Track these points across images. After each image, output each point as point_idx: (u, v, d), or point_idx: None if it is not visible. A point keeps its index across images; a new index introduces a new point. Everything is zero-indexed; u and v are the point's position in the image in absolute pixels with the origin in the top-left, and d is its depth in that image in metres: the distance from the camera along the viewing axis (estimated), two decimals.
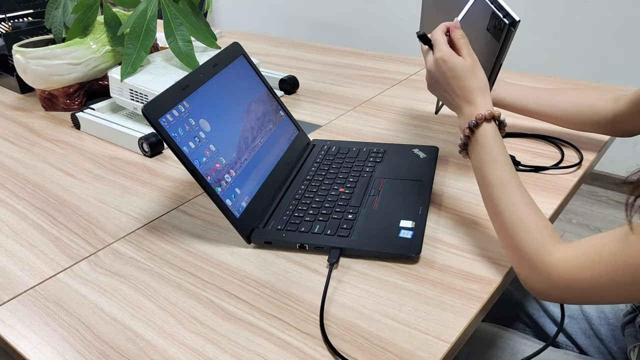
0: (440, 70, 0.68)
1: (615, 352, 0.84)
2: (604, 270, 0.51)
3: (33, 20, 1.43)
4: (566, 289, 0.55)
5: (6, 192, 0.86)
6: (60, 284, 0.65)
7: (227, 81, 0.78)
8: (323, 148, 0.90)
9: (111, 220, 0.77)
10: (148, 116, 0.64)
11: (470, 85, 0.67)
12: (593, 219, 2.06)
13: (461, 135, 0.67)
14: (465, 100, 0.67)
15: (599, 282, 0.52)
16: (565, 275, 0.54)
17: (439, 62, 0.68)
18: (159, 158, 0.95)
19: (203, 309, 0.60)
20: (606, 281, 0.52)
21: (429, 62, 0.70)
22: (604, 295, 0.53)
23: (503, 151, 0.64)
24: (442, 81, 0.69)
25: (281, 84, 1.22)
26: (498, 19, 0.69)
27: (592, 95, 0.85)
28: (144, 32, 1.03)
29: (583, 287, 0.54)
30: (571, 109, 0.86)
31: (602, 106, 0.83)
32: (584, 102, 0.85)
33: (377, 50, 1.52)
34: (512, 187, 0.62)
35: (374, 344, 0.54)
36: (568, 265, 0.54)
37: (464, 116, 0.67)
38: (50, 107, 1.17)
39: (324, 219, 0.71)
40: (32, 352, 0.56)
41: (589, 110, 0.84)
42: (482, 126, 0.65)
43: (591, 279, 0.53)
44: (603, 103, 0.83)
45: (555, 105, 0.87)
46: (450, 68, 0.67)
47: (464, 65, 0.67)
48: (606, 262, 0.51)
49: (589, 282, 0.53)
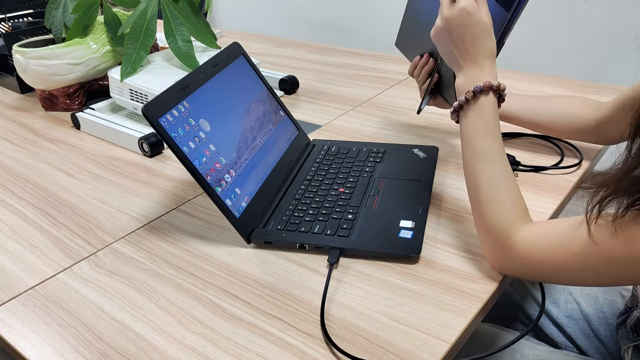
0: (461, 22, 0.64)
1: (615, 352, 0.84)
2: (559, 254, 0.55)
3: (33, 20, 1.43)
4: (524, 267, 0.59)
5: (6, 192, 0.86)
6: (60, 284, 0.65)
7: (227, 81, 0.78)
8: (323, 148, 0.90)
9: (111, 220, 0.78)
10: (148, 116, 0.64)
11: (484, 46, 0.64)
12: None
13: (461, 97, 0.64)
14: (474, 61, 0.65)
15: (555, 265, 0.55)
16: (524, 255, 0.58)
17: (463, 12, 0.63)
18: (159, 158, 0.95)
19: (203, 309, 0.60)
20: (561, 264, 0.55)
21: (449, 10, 0.65)
22: (559, 276, 0.57)
23: (497, 124, 0.64)
24: (457, 34, 0.64)
25: (281, 84, 1.22)
26: None
27: (575, 103, 0.85)
28: (144, 32, 1.03)
29: (539, 267, 0.57)
30: (555, 117, 0.85)
31: (584, 114, 0.82)
32: (568, 111, 0.84)
33: (377, 50, 1.52)
34: (497, 161, 0.62)
35: (374, 344, 0.54)
36: (528, 245, 0.57)
37: (468, 77, 0.65)
38: (50, 107, 1.17)
39: (324, 219, 0.71)
40: (32, 352, 0.56)
41: (572, 118, 0.84)
42: (487, 94, 0.63)
43: (548, 260, 0.56)
44: (585, 110, 0.82)
45: (541, 113, 0.86)
46: (474, 23, 0.63)
47: (486, 23, 0.64)
48: (560, 247, 0.55)
49: (545, 263, 0.56)
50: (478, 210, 0.63)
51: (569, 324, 0.88)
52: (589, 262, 0.52)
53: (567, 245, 0.54)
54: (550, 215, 0.73)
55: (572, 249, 0.53)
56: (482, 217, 0.62)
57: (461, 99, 0.65)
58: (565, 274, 0.56)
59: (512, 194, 0.61)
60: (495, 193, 0.61)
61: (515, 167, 0.84)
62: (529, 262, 0.58)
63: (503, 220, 0.60)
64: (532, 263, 0.57)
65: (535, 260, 0.57)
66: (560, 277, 0.58)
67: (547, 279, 0.60)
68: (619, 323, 0.79)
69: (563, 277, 0.57)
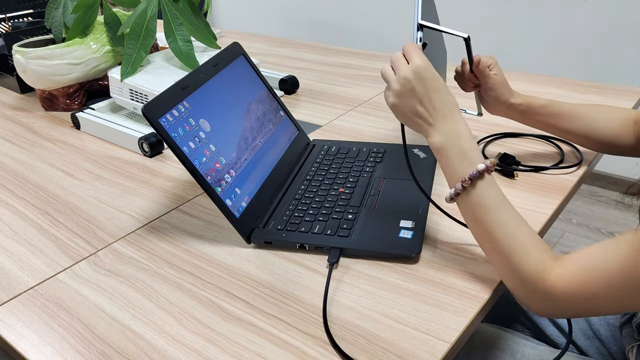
0: (421, 78, 0.62)
1: (615, 352, 0.84)
2: (607, 285, 0.51)
3: (33, 20, 1.43)
4: (567, 306, 0.55)
5: (6, 192, 0.86)
6: (60, 284, 0.65)
7: (227, 81, 0.78)
8: (323, 148, 0.90)
9: (111, 220, 0.77)
10: (148, 116, 0.64)
11: (448, 100, 0.63)
12: (593, 219, 2.06)
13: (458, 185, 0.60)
14: (444, 116, 0.62)
15: (601, 297, 0.52)
16: (565, 295, 0.54)
17: (420, 69, 0.62)
18: (159, 158, 0.95)
19: (203, 309, 0.60)
20: (608, 296, 0.52)
21: (406, 69, 0.62)
22: (603, 308, 0.54)
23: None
24: (420, 90, 0.62)
25: (281, 84, 1.22)
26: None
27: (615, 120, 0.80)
28: (144, 32, 1.03)
29: (583, 303, 0.54)
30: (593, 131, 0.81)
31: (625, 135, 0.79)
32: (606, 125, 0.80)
33: (377, 50, 1.52)
34: (504, 206, 0.59)
35: (374, 344, 0.54)
36: (568, 283, 0.54)
37: (444, 132, 0.62)
38: (50, 107, 1.17)
39: (324, 219, 0.71)
40: (32, 352, 0.56)
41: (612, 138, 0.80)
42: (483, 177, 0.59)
43: (593, 295, 0.53)
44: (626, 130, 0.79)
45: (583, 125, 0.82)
46: (432, 77, 0.62)
47: (441, 78, 0.63)
48: (608, 277, 0.51)
49: (590, 298, 0.53)
50: (502, 262, 0.58)
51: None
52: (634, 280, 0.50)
53: (610, 273, 0.51)
54: (550, 216, 0.73)
55: (616, 276, 0.50)
56: (509, 268, 0.58)
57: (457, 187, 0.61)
58: (613, 303, 0.52)
59: (531, 233, 0.58)
60: (515, 239, 0.57)
61: (515, 167, 0.84)
62: (572, 299, 0.54)
63: (533, 265, 0.56)
64: (576, 300, 0.54)
65: (578, 296, 0.53)
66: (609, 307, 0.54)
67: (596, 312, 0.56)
68: (623, 322, 0.79)
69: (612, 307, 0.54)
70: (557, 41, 2.09)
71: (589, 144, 0.83)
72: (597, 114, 0.82)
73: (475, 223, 0.61)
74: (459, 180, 0.60)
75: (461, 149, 0.61)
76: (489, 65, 0.81)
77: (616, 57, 2.01)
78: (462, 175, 0.60)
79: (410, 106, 0.63)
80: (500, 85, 0.81)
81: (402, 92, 0.63)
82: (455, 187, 0.61)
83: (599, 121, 0.81)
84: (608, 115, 0.81)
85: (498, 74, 0.81)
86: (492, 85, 0.81)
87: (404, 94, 0.63)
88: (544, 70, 2.13)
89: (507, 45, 2.18)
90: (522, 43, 2.16)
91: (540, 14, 2.09)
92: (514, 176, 0.82)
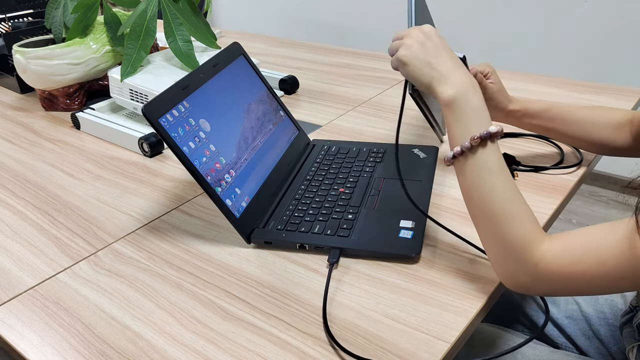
0: (432, 36, 0.64)
1: (615, 352, 0.84)
2: (595, 263, 0.51)
3: (33, 20, 1.43)
4: (551, 283, 0.54)
5: (6, 192, 0.86)
6: (60, 284, 0.65)
7: (227, 81, 0.78)
8: (323, 148, 0.90)
9: (111, 220, 0.77)
10: (148, 116, 0.64)
11: (457, 57, 0.64)
12: (593, 219, 2.06)
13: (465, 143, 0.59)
14: (455, 67, 0.62)
15: (589, 276, 0.52)
16: (553, 269, 0.53)
17: (431, 30, 0.65)
18: (159, 158, 0.95)
19: (203, 309, 0.60)
20: (598, 276, 0.51)
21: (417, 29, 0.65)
22: (589, 288, 0.53)
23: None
24: (431, 46, 0.63)
25: (281, 84, 1.22)
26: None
27: (610, 120, 0.80)
28: (144, 32, 1.03)
29: (570, 281, 0.53)
30: (588, 133, 0.81)
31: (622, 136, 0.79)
32: (602, 125, 0.80)
33: (377, 50, 1.52)
34: (505, 173, 0.58)
35: (374, 344, 0.54)
36: (559, 258, 0.53)
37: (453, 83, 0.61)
38: (50, 107, 1.17)
39: (324, 219, 0.71)
40: (32, 352, 0.56)
41: (606, 137, 0.80)
42: (493, 140, 0.58)
43: (582, 273, 0.52)
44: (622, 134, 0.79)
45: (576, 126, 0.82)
46: (442, 39, 0.64)
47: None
48: (601, 257, 0.51)
49: (579, 276, 0.52)
50: (491, 227, 0.57)
51: (569, 324, 0.88)
52: (631, 269, 0.49)
53: (604, 253, 0.51)
54: (550, 216, 0.73)
55: (610, 256, 0.50)
56: (497, 233, 0.56)
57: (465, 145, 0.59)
58: (599, 284, 0.52)
59: (527, 207, 0.57)
60: (511, 205, 0.56)
61: (515, 167, 0.84)
62: (558, 275, 0.53)
63: (523, 233, 0.55)
64: (563, 276, 0.53)
65: (566, 272, 0.53)
66: (592, 288, 0.53)
67: (577, 292, 0.55)
68: (624, 322, 0.79)
69: (596, 288, 0.53)
70: (557, 41, 2.09)
71: (587, 146, 0.83)
72: (595, 117, 0.81)
73: (471, 185, 0.59)
74: (467, 138, 0.58)
75: (473, 105, 0.60)
76: (485, 74, 0.80)
77: (616, 57, 2.01)
78: (473, 133, 0.58)
79: (421, 56, 0.63)
80: (497, 93, 0.81)
81: (412, 44, 0.64)
82: (462, 145, 0.59)
83: (596, 124, 0.81)
84: (605, 118, 0.81)
85: (495, 82, 0.81)
86: (490, 95, 0.81)
87: (414, 46, 0.64)
88: (543, 70, 2.13)
89: (507, 45, 2.19)
90: (521, 43, 2.16)
91: (540, 14, 2.09)
92: (514, 176, 0.82)
